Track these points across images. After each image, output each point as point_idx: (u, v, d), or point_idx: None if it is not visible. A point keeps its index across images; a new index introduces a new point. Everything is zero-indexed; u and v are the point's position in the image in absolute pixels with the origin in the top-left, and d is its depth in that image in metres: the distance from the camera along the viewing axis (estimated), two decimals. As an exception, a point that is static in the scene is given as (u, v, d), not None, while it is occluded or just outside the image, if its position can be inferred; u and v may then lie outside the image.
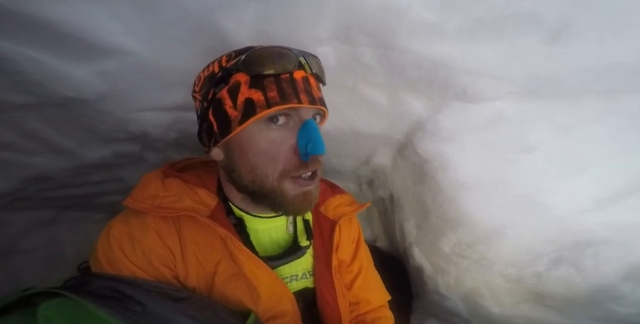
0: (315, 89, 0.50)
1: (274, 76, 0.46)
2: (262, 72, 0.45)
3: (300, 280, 0.57)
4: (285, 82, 0.46)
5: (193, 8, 0.56)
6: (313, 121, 0.47)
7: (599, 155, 0.63)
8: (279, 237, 0.58)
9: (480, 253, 0.74)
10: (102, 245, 0.49)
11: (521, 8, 0.54)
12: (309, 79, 0.49)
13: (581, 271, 0.62)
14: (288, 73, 0.46)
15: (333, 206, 0.63)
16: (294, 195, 0.48)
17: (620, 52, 0.56)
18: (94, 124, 0.76)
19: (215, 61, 0.53)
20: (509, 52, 0.58)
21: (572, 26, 0.54)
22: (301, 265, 0.57)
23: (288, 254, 0.55)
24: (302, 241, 0.57)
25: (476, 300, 0.81)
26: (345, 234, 0.64)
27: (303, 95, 0.46)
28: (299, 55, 0.48)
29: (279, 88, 0.45)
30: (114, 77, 0.65)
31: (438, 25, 0.58)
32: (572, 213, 0.64)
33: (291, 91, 0.46)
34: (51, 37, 0.54)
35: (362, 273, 0.65)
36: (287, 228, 0.59)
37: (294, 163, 0.47)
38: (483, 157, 0.70)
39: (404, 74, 0.68)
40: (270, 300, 0.51)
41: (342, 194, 0.67)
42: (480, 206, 0.72)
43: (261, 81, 0.46)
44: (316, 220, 0.61)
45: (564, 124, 0.64)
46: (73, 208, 1.22)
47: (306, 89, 0.47)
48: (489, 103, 0.65)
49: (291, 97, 0.45)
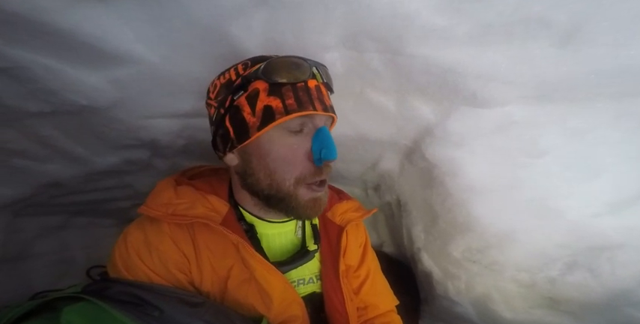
0: (326, 97, 0.53)
1: (291, 85, 0.48)
2: (280, 80, 0.48)
3: (307, 284, 0.58)
4: (301, 90, 0.48)
5: (202, 16, 0.57)
6: (326, 128, 0.50)
7: (612, 159, 0.62)
8: (288, 242, 0.59)
9: (491, 257, 0.73)
10: (119, 251, 0.51)
11: (531, 13, 0.54)
12: (320, 87, 0.52)
13: (597, 276, 0.61)
14: (303, 82, 0.49)
15: (340, 212, 0.64)
16: (306, 200, 0.50)
17: (632, 56, 0.55)
18: (105, 132, 0.77)
19: (231, 68, 0.54)
20: (520, 56, 0.58)
21: (582, 30, 0.54)
22: (309, 269, 0.58)
23: (297, 259, 0.56)
24: (310, 245, 0.58)
25: (487, 305, 0.80)
26: (352, 239, 0.64)
27: (317, 103, 0.49)
28: (312, 65, 0.50)
29: (296, 96, 0.48)
30: (125, 84, 0.66)
31: (447, 30, 0.58)
32: (585, 217, 0.63)
33: (306, 98, 0.48)
34: (64, 45, 0.56)
35: (369, 278, 0.65)
36: (296, 232, 0.60)
37: (310, 169, 0.49)
38: (494, 161, 0.70)
39: (412, 79, 0.68)
40: (282, 304, 0.52)
41: (348, 200, 0.68)
42: (491, 211, 0.71)
43: (279, 89, 0.48)
44: (323, 226, 0.62)
45: (576, 128, 0.63)
46: (83, 213, 1.23)
47: (319, 97, 0.50)
48: (500, 107, 0.65)
49: (307, 104, 0.48)
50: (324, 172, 0.50)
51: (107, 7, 0.55)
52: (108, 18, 0.56)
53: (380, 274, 0.70)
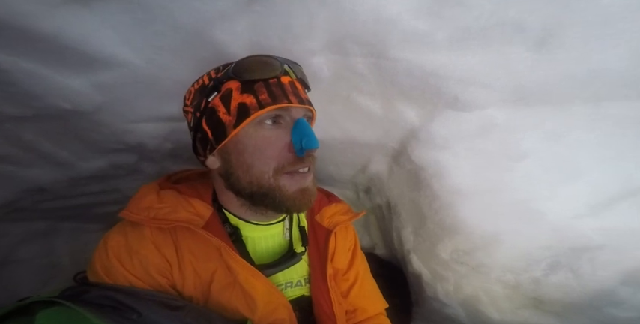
0: (302, 92, 0.53)
1: (263, 81, 0.49)
2: (252, 77, 0.49)
3: (295, 287, 0.58)
4: (273, 85, 0.50)
5: (187, 20, 0.58)
6: (304, 120, 0.51)
7: (591, 161, 0.63)
8: (275, 244, 0.59)
9: (478, 259, 0.74)
10: (99, 256, 0.50)
11: (506, 18, 0.55)
12: (295, 83, 0.53)
13: (578, 276, 0.62)
14: (275, 77, 0.50)
15: (328, 215, 0.64)
16: (292, 191, 0.50)
17: (602, 60, 0.57)
18: (91, 136, 0.76)
19: (204, 75, 0.55)
20: (497, 60, 0.59)
21: (555, 35, 0.55)
22: (296, 272, 0.58)
23: (283, 261, 0.56)
24: (297, 247, 0.58)
25: (475, 306, 0.81)
26: (340, 243, 0.64)
27: (292, 96, 0.50)
28: (283, 63, 0.52)
29: (269, 90, 0.49)
30: (110, 88, 0.66)
31: (428, 34, 0.59)
32: (566, 219, 0.64)
33: (280, 92, 0.49)
34: (47, 49, 0.55)
35: (358, 281, 0.65)
36: (283, 235, 0.59)
37: (288, 159, 0.49)
38: (477, 164, 0.71)
39: (396, 83, 0.69)
40: (267, 308, 0.52)
41: (337, 203, 0.68)
42: (476, 213, 0.72)
43: (252, 86, 0.49)
44: (312, 229, 0.62)
45: (554, 131, 0.64)
46: (69, 218, 1.21)
47: (293, 91, 0.51)
48: (480, 111, 0.66)
49: (281, 97, 0.48)
50: (305, 162, 0.50)
51: (91, 11, 0.55)
52: (92, 22, 0.56)
53: (369, 276, 0.70)
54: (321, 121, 0.86)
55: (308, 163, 0.51)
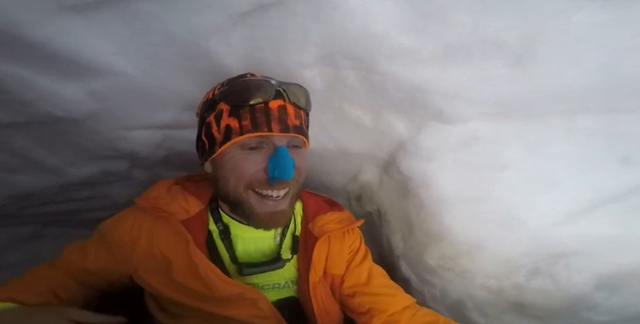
0: (292, 117, 0.54)
1: (249, 107, 0.52)
2: (237, 103, 0.52)
3: (282, 289, 0.62)
4: (259, 111, 0.51)
5: (182, 31, 0.59)
6: (284, 148, 0.52)
7: (567, 172, 0.67)
8: (266, 247, 0.62)
9: (463, 265, 0.76)
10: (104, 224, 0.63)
11: (486, 35, 0.58)
12: (286, 107, 0.53)
13: (556, 281, 0.64)
14: (263, 103, 0.51)
15: (319, 224, 0.65)
16: (261, 212, 0.54)
17: (574, 76, 0.60)
18: (82, 143, 0.76)
19: (215, 87, 0.59)
20: (479, 75, 0.63)
21: (531, 51, 0.58)
22: (283, 276, 0.62)
23: (266, 264, 0.59)
24: (285, 254, 0.62)
25: (461, 312, 0.83)
26: (335, 248, 0.65)
27: (275, 124, 0.51)
28: (277, 86, 0.53)
29: (252, 117, 0.51)
30: (103, 96, 0.66)
31: (413, 50, 0.62)
32: (545, 226, 0.68)
33: (263, 120, 0.51)
34: (40, 56, 0.56)
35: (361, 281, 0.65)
36: (275, 239, 0.63)
37: (260, 180, 0.53)
38: (462, 175, 0.74)
39: (386, 96, 0.72)
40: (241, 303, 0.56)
41: (335, 212, 0.69)
42: (461, 221, 0.75)
43: (238, 110, 0.52)
44: (304, 236, 0.65)
45: (533, 143, 0.68)
46: (56, 223, 1.19)
47: (280, 118, 0.52)
48: (464, 124, 0.69)
49: (263, 126, 0.51)
50: (277, 187, 0.53)
51: (86, 21, 0.55)
52: (87, 31, 0.56)
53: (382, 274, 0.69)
54: (313, 130, 0.87)
55: (282, 188, 0.54)
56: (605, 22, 0.54)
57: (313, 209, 0.68)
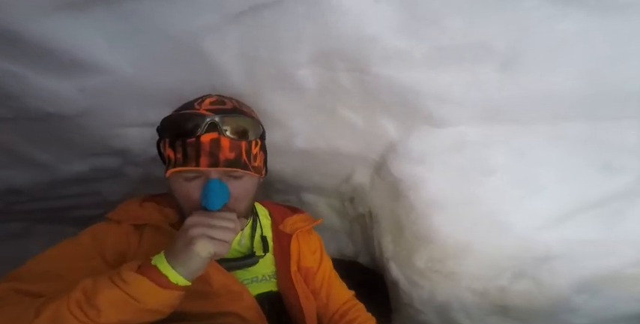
0: (226, 150, 0.54)
1: (182, 141, 0.54)
2: (171, 137, 0.55)
3: (260, 282, 0.65)
4: (190, 145, 0.53)
5: (177, 30, 0.59)
6: (213, 181, 0.53)
7: (551, 177, 0.69)
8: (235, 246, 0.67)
9: (450, 268, 0.77)
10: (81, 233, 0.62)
11: (478, 39, 0.59)
12: (220, 140, 0.54)
13: (539, 284, 0.66)
14: (194, 137, 0.53)
15: (290, 223, 0.75)
16: None
17: (558, 82, 0.62)
18: (74, 139, 0.76)
19: None
20: (469, 79, 0.64)
21: (518, 57, 0.59)
22: (260, 270, 0.66)
23: (241, 259, 0.64)
24: (257, 252, 0.67)
25: (448, 313, 0.84)
26: (304, 245, 0.74)
27: (204, 158, 0.53)
28: (211, 119, 0.54)
29: (184, 151, 0.54)
30: (96, 93, 0.66)
31: (407, 52, 0.63)
32: (530, 230, 0.69)
33: (193, 154, 0.53)
34: (32, 52, 0.56)
35: (326, 279, 0.76)
36: (240, 241, 0.67)
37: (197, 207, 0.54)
38: (451, 178, 0.75)
39: (378, 98, 0.73)
40: (227, 297, 0.59)
41: (299, 214, 0.79)
42: (449, 224, 0.76)
43: (174, 143, 0.55)
44: (276, 236, 0.72)
45: (520, 148, 0.69)
46: (46, 220, 1.18)
47: (211, 152, 0.53)
48: (453, 127, 0.70)
49: (192, 160, 0.53)
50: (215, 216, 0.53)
51: (81, 18, 0.56)
52: (82, 29, 0.57)
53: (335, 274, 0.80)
54: (306, 130, 0.89)
55: None
56: (590, 29, 0.55)
57: (280, 214, 0.76)
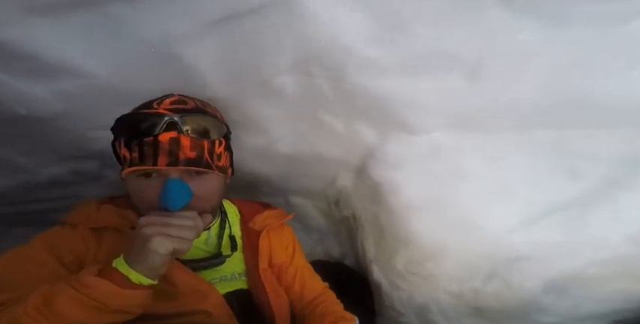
0: (187, 149, 0.53)
1: (138, 140, 0.52)
2: (127, 136, 0.53)
3: (230, 281, 0.64)
4: (147, 144, 0.52)
5: (154, 35, 0.60)
6: (173, 181, 0.52)
7: (520, 182, 0.72)
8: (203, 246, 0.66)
9: (428, 270, 0.79)
10: None
11: (446, 48, 0.61)
12: (179, 139, 0.52)
13: (509, 285, 0.68)
14: (152, 136, 0.52)
15: (260, 220, 0.73)
16: None
17: (519, 92, 0.64)
18: (51, 142, 0.75)
19: None
20: (439, 87, 0.65)
21: (484, 66, 0.61)
22: (229, 269, 0.65)
23: (208, 259, 0.63)
24: (225, 251, 0.66)
25: (427, 315, 0.85)
26: (275, 241, 0.73)
27: (162, 157, 0.51)
28: (170, 118, 0.52)
29: (140, 150, 0.52)
30: (71, 96, 0.66)
31: (379, 61, 0.64)
32: (502, 233, 0.72)
33: (151, 153, 0.51)
34: (5, 55, 0.56)
35: (298, 272, 0.74)
36: (206, 241, 0.66)
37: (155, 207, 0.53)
38: (427, 182, 0.77)
39: (356, 105, 0.74)
40: (194, 297, 0.58)
41: (270, 210, 0.77)
42: (426, 227, 0.78)
43: (130, 143, 0.53)
44: (245, 234, 0.70)
45: (491, 155, 0.72)
46: (22, 224, 1.15)
47: (170, 151, 0.52)
48: (427, 134, 0.73)
49: (148, 159, 0.51)
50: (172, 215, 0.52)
51: (55, 22, 0.56)
52: (56, 32, 0.56)
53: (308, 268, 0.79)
54: (290, 135, 0.90)
55: None
56: (549, 40, 0.58)
57: (250, 211, 0.74)
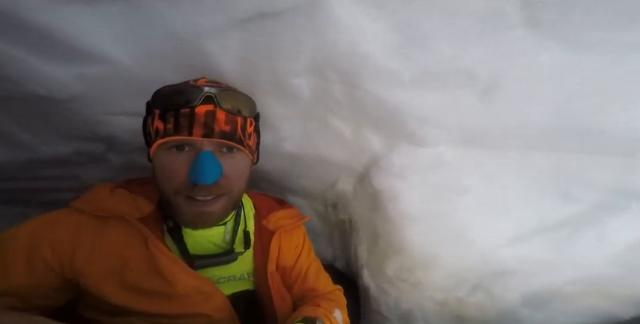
0: (222, 123, 0.53)
1: (174, 111, 0.53)
2: (163, 107, 0.54)
3: (237, 281, 0.63)
4: (183, 116, 0.52)
5: (182, 29, 0.61)
6: (205, 154, 0.52)
7: (515, 201, 0.75)
8: (218, 241, 0.63)
9: (417, 277, 0.82)
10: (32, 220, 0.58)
11: (461, 65, 0.62)
12: (215, 112, 0.53)
13: (492, 297, 0.71)
14: (189, 107, 0.52)
15: (274, 219, 0.70)
16: (188, 212, 0.55)
17: (531, 113, 0.66)
18: (61, 123, 0.76)
19: None
20: (450, 103, 0.67)
21: (499, 85, 0.63)
22: (239, 268, 0.63)
23: (219, 256, 0.60)
24: (237, 248, 0.63)
25: (410, 321, 0.88)
26: (285, 243, 0.70)
27: (197, 128, 0.51)
28: (206, 92, 0.53)
29: (176, 121, 0.52)
30: (91, 81, 0.66)
31: (395, 72, 0.66)
32: (491, 247, 0.75)
33: (186, 124, 0.52)
34: (38, 39, 0.57)
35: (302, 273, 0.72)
36: (224, 237, 0.64)
37: (185, 185, 0.53)
38: (426, 194, 0.80)
39: (367, 112, 0.77)
40: (196, 299, 0.56)
41: (286, 209, 0.74)
42: (420, 236, 0.81)
43: (165, 114, 0.53)
44: (258, 232, 0.68)
45: (491, 172, 0.76)
46: (14, 202, 1.13)
47: (205, 123, 0.52)
48: (433, 147, 0.75)
49: (184, 129, 0.51)
50: (204, 191, 0.53)
51: (90, 10, 0.57)
52: (89, 20, 0.58)
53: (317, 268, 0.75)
54: (297, 135, 0.92)
55: (211, 191, 0.54)
56: (565, 64, 0.59)
57: (265, 207, 0.71)
